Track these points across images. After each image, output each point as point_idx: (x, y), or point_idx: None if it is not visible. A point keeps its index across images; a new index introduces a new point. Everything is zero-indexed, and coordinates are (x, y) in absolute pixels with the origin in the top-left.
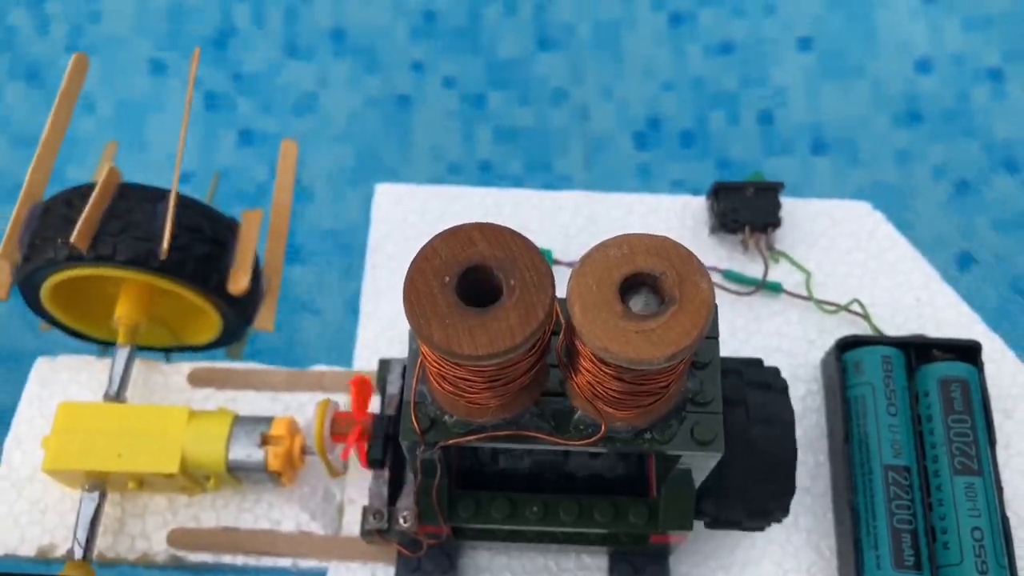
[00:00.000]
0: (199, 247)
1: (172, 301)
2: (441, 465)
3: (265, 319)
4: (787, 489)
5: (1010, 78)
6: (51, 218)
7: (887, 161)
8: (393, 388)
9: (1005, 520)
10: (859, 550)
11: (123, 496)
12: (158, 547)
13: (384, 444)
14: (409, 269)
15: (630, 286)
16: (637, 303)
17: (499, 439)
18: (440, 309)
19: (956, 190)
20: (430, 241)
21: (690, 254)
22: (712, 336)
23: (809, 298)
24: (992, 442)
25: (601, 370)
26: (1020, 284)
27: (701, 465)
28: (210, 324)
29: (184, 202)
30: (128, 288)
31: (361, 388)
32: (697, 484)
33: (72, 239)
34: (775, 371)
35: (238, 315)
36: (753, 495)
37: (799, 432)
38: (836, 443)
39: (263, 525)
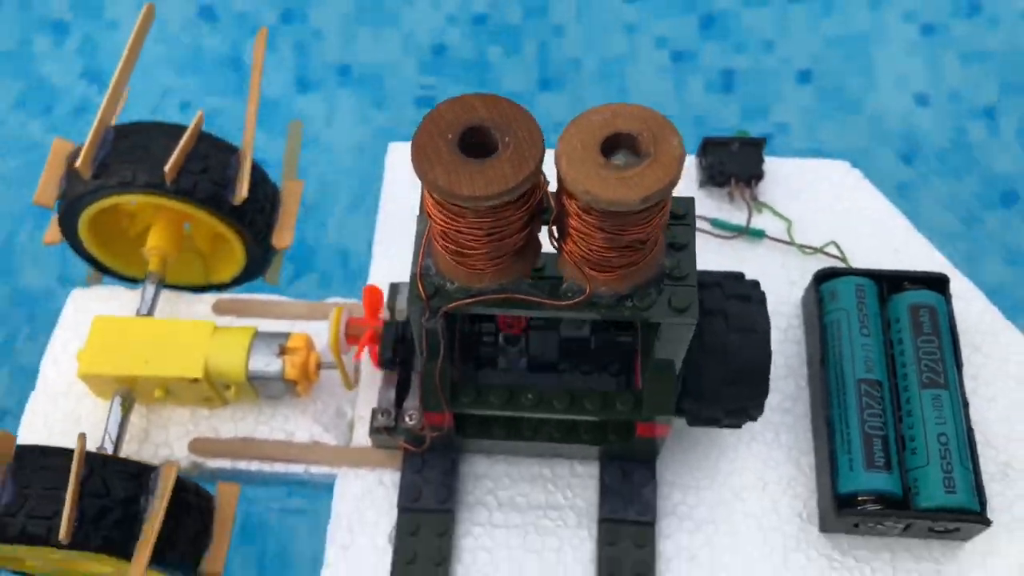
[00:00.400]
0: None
1: (201, 236)
2: (444, 343)
3: (273, 275)
4: (762, 390)
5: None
6: (123, 144)
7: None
8: (402, 304)
9: (970, 430)
10: (834, 458)
11: (148, 408)
12: (180, 454)
13: (394, 346)
14: (418, 129)
15: (611, 146)
16: (617, 159)
17: (495, 303)
18: (444, 159)
19: None
20: (437, 106)
21: (664, 118)
22: (688, 224)
23: (791, 243)
24: (959, 364)
25: (586, 223)
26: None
27: (678, 336)
28: (234, 255)
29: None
30: (160, 220)
31: (373, 296)
32: (677, 366)
33: (167, 168)
34: (755, 283)
35: (259, 244)
36: (731, 395)
37: (780, 360)
38: (815, 368)
39: (278, 436)
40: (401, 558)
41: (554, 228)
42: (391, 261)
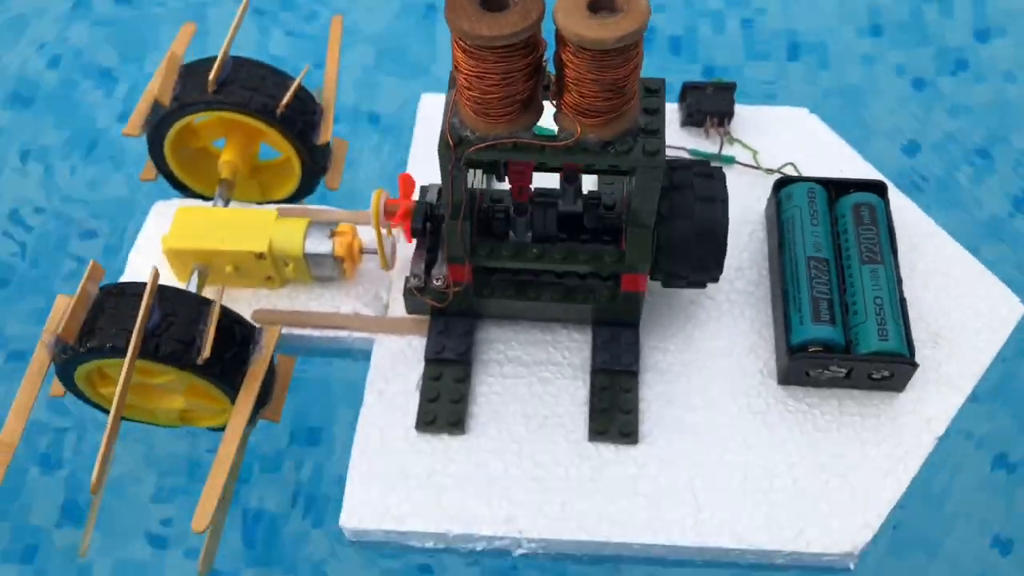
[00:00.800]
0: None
1: (257, 141)
2: (466, 203)
3: (333, 178)
4: (720, 250)
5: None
6: (192, 76)
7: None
8: (431, 196)
9: (902, 298)
10: (787, 317)
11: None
12: None
13: (424, 218)
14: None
15: (595, 7)
16: (601, 15)
17: (505, 148)
18: (469, 13)
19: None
20: None
21: (639, 8)
22: (659, 95)
23: (756, 166)
24: (894, 250)
25: (578, 67)
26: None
27: (650, 182)
28: (292, 177)
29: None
30: (235, 136)
31: (406, 181)
32: (651, 219)
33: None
34: (718, 168)
35: (315, 166)
36: (696, 252)
37: (746, 256)
38: (773, 255)
39: (326, 310)
40: (425, 397)
41: (553, 96)
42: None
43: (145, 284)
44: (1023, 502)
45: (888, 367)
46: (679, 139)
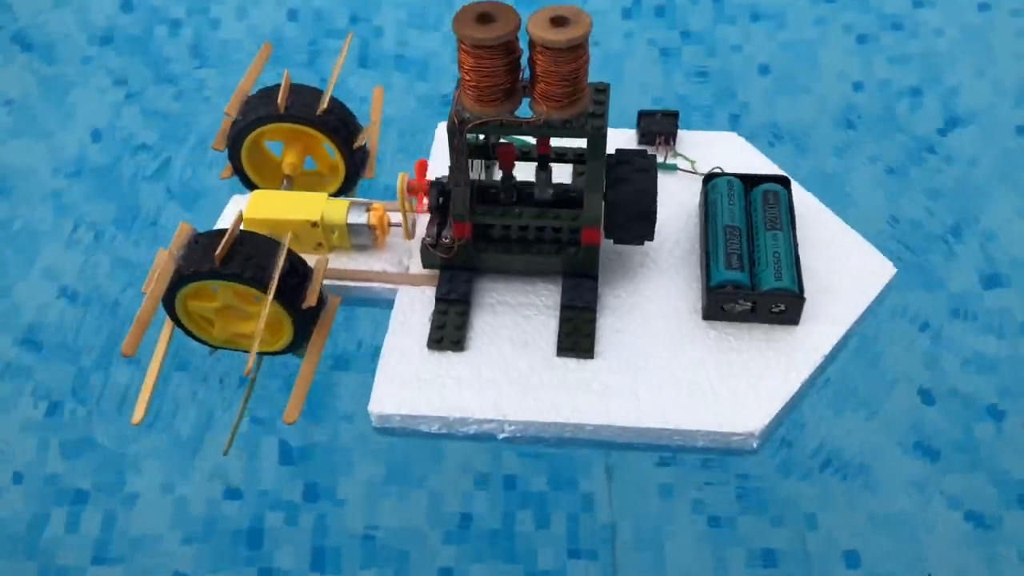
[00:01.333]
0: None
1: (313, 148)
2: (466, 175)
3: (369, 171)
4: (652, 211)
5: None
6: (261, 98)
7: None
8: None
9: (797, 256)
10: (708, 266)
11: None
12: None
13: (437, 196)
14: (457, 13)
15: (554, 22)
16: (558, 27)
17: (495, 125)
18: (469, 23)
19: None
20: (464, 6)
21: (581, 9)
22: (605, 93)
23: (694, 172)
24: (793, 224)
25: (543, 62)
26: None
27: (597, 152)
28: (337, 177)
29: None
30: (295, 144)
31: (423, 165)
32: (601, 185)
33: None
34: (651, 155)
35: (356, 169)
36: (633, 214)
37: (683, 235)
38: (702, 231)
39: (361, 268)
40: (435, 325)
41: (529, 91)
42: None
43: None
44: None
45: (783, 301)
46: None
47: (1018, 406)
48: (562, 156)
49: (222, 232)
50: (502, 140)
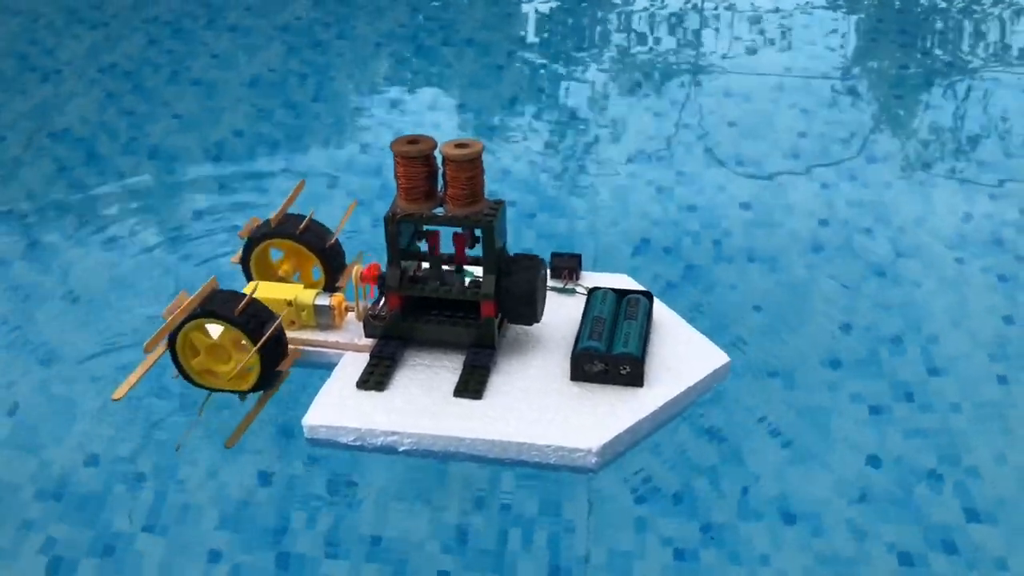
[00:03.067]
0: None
1: (304, 262)
2: (398, 254)
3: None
4: (534, 297)
5: None
6: (282, 224)
7: None
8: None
9: (646, 337)
10: (577, 340)
11: None
12: None
13: (381, 282)
14: (393, 141)
15: (458, 147)
16: (460, 148)
17: (418, 217)
18: (401, 145)
19: None
20: (398, 139)
21: (478, 141)
22: (499, 206)
23: (584, 294)
24: (649, 319)
25: (451, 170)
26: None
27: (489, 240)
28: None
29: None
30: (290, 257)
31: (372, 266)
32: (496, 268)
33: (273, 219)
34: (540, 259)
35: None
36: (521, 298)
37: (569, 332)
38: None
39: (319, 339)
40: (366, 372)
41: (443, 193)
42: None
43: (237, 292)
44: None
45: (628, 363)
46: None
47: None
48: (476, 261)
49: (238, 294)
50: (427, 228)
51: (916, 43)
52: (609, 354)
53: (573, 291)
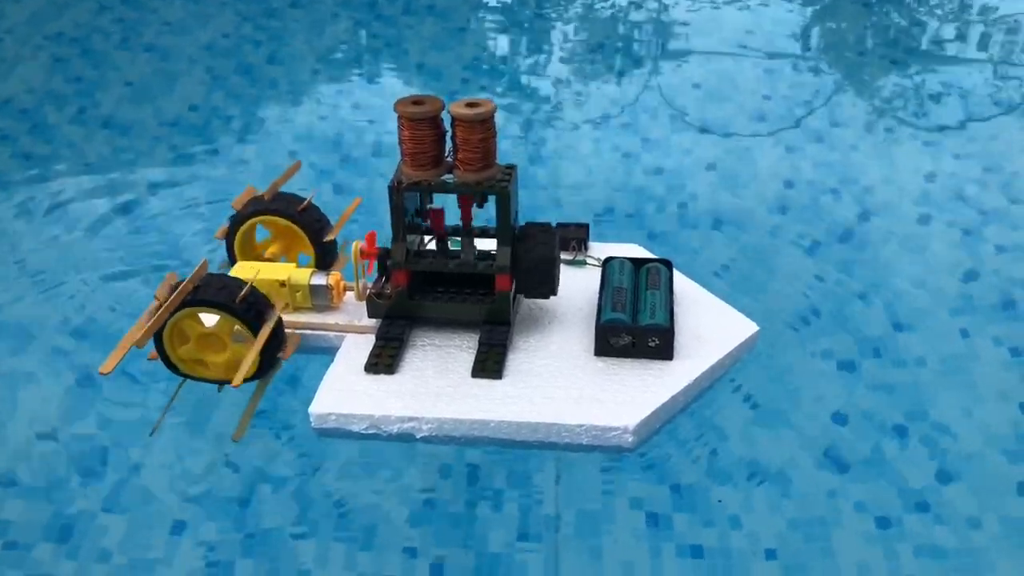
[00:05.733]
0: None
1: (294, 246)
2: (405, 228)
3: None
4: (553, 272)
5: None
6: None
7: None
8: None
9: (671, 307)
10: (599, 312)
11: None
12: None
13: (382, 259)
14: (397, 100)
15: (469, 106)
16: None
17: (425, 185)
18: (406, 105)
19: None
20: (401, 98)
21: (490, 100)
22: (512, 169)
23: (597, 265)
24: (670, 288)
25: (462, 132)
26: None
27: (504, 208)
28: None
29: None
30: (279, 236)
31: (372, 235)
32: (510, 236)
33: (266, 194)
34: (553, 227)
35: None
36: (538, 278)
37: (585, 304)
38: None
39: (317, 321)
40: (373, 355)
41: (453, 162)
42: None
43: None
44: None
45: (656, 335)
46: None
47: None
48: (484, 232)
49: (236, 280)
50: (432, 206)
51: (878, 3)
52: (636, 326)
53: (583, 262)
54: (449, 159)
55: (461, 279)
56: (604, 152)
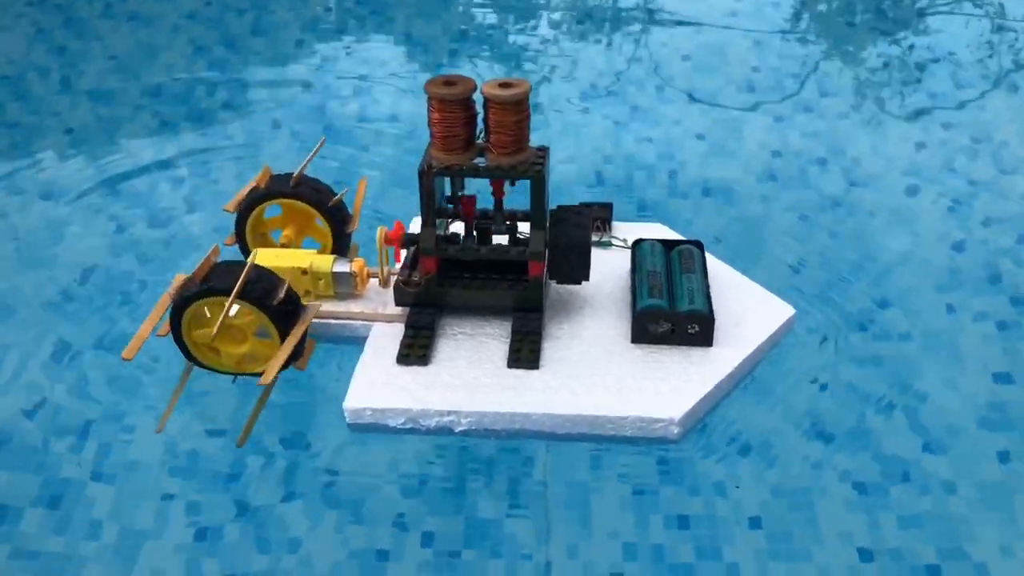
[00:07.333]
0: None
1: (305, 229)
2: (433, 213)
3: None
4: (586, 256)
5: None
6: (277, 179)
7: None
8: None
9: (708, 291)
10: (634, 297)
11: None
12: None
13: (409, 243)
14: (428, 80)
15: (502, 86)
16: (505, 87)
17: (456, 169)
18: (437, 86)
19: None
20: (434, 78)
21: (525, 80)
22: (544, 152)
23: (625, 246)
24: (705, 271)
25: (495, 114)
26: None
27: (540, 188)
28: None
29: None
30: (293, 218)
31: (399, 225)
32: (544, 223)
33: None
34: (587, 210)
35: (343, 243)
36: (572, 263)
37: (620, 284)
38: (631, 281)
39: (342, 310)
40: (404, 345)
41: (486, 139)
42: None
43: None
44: None
45: (697, 322)
46: None
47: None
48: (513, 215)
49: (271, 275)
50: (463, 194)
51: None
52: (676, 312)
53: (610, 243)
54: (480, 141)
55: (490, 265)
56: (594, 122)
